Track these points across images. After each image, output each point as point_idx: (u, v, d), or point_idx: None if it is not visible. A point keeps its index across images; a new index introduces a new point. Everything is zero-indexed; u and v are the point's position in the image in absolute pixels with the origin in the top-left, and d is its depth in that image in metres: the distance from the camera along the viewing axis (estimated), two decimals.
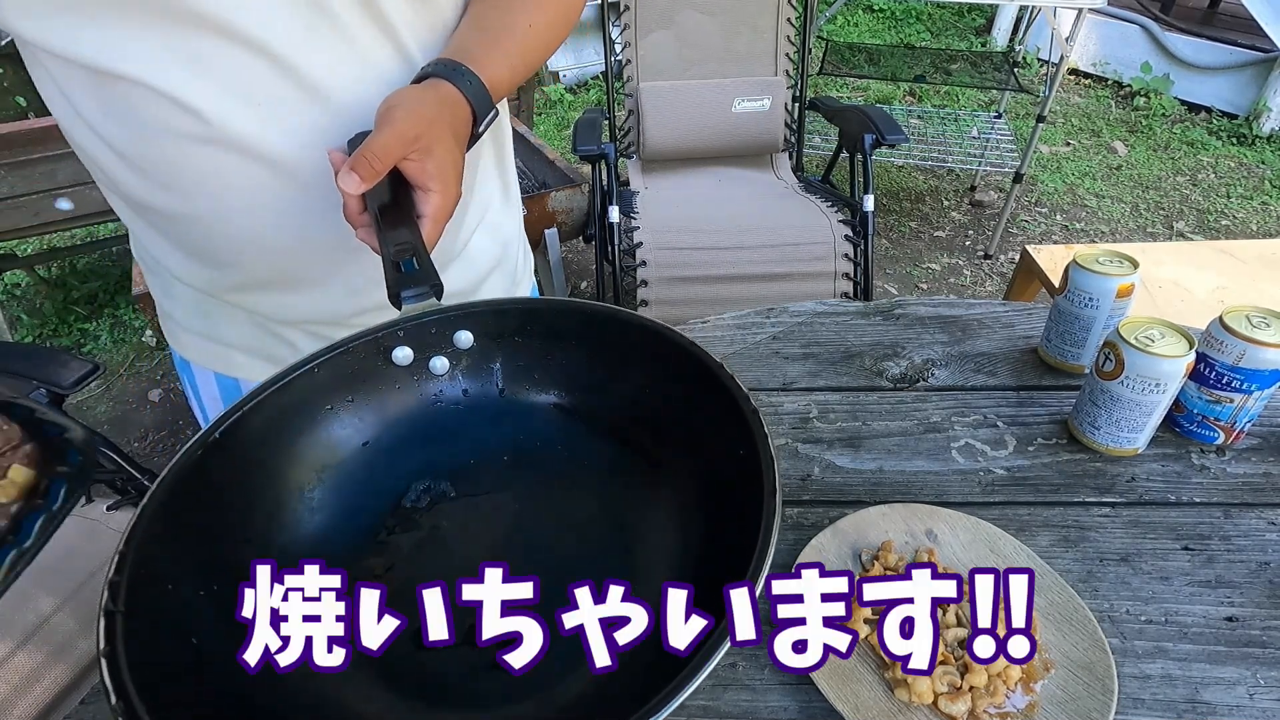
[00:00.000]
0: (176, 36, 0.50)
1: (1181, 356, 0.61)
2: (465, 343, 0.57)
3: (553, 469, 0.56)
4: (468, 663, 0.44)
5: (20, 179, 1.87)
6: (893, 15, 4.77)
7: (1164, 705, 0.48)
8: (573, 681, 0.43)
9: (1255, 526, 0.60)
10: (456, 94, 0.55)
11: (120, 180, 0.58)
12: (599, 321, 0.56)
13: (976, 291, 2.53)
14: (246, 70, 0.52)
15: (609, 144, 1.85)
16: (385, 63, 0.57)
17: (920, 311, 0.87)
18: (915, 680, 0.46)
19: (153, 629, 0.36)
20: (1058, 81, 2.33)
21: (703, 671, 0.34)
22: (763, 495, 0.41)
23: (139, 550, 0.38)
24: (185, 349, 0.75)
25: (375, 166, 0.49)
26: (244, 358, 0.72)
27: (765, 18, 2.09)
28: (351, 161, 0.49)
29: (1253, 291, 1.46)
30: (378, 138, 0.50)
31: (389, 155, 0.49)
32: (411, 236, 0.51)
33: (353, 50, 0.55)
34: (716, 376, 0.49)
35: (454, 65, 0.56)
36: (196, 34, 0.50)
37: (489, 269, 0.74)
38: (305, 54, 0.53)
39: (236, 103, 0.53)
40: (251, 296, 0.66)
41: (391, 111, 0.51)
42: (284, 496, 0.50)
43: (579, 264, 2.67)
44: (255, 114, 0.54)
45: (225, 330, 0.70)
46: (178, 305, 0.71)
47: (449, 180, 0.53)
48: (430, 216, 0.52)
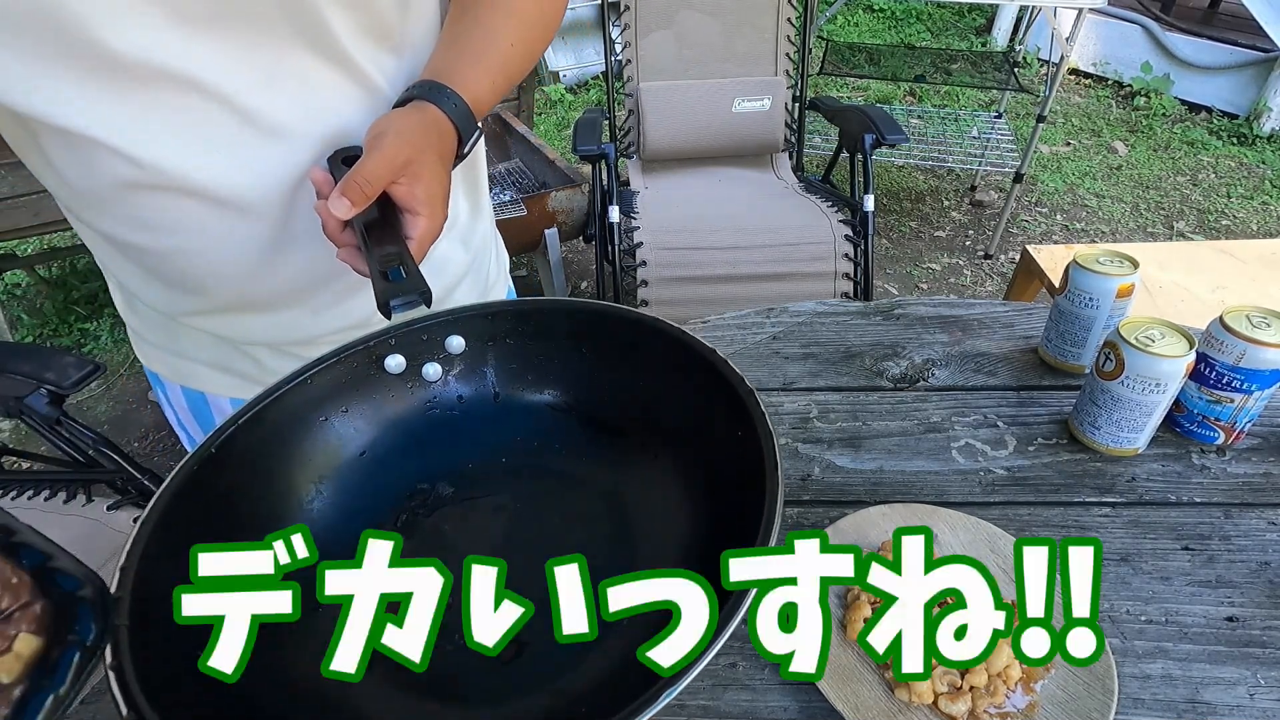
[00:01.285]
0: (132, 90, 0.49)
1: (1181, 356, 0.61)
2: (457, 347, 0.57)
3: (551, 468, 0.56)
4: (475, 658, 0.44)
5: (20, 179, 1.88)
6: (893, 15, 4.77)
7: (1164, 705, 0.48)
8: (572, 681, 0.43)
9: (1255, 526, 0.60)
10: (441, 116, 0.56)
11: (76, 210, 0.58)
12: (588, 319, 0.56)
13: (976, 291, 2.53)
14: (206, 120, 0.52)
15: (609, 144, 1.85)
16: (349, 99, 0.57)
17: (920, 311, 0.87)
18: (915, 680, 0.46)
19: (158, 640, 0.36)
20: (1058, 81, 2.33)
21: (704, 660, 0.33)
22: (764, 471, 0.41)
23: (140, 565, 0.38)
24: (151, 362, 0.74)
25: (365, 191, 0.49)
26: (209, 372, 0.71)
27: (765, 18, 2.09)
28: (342, 186, 0.49)
29: (1253, 291, 1.46)
30: (367, 163, 0.50)
31: (379, 180, 0.50)
32: (397, 247, 0.51)
33: (315, 93, 0.55)
34: (708, 361, 0.49)
35: (437, 87, 0.56)
36: (155, 86, 0.49)
37: (459, 277, 0.74)
38: (267, 99, 0.53)
39: (194, 151, 0.52)
40: (214, 320, 0.66)
41: (381, 138, 0.51)
42: (282, 508, 0.50)
43: (579, 264, 2.67)
44: (215, 159, 0.53)
45: (189, 347, 0.70)
46: (142, 322, 0.71)
47: (436, 204, 0.53)
48: (417, 240, 0.52)
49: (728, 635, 0.33)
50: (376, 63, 0.58)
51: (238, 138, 0.53)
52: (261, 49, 0.51)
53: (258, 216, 0.57)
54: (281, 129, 0.55)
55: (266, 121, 0.54)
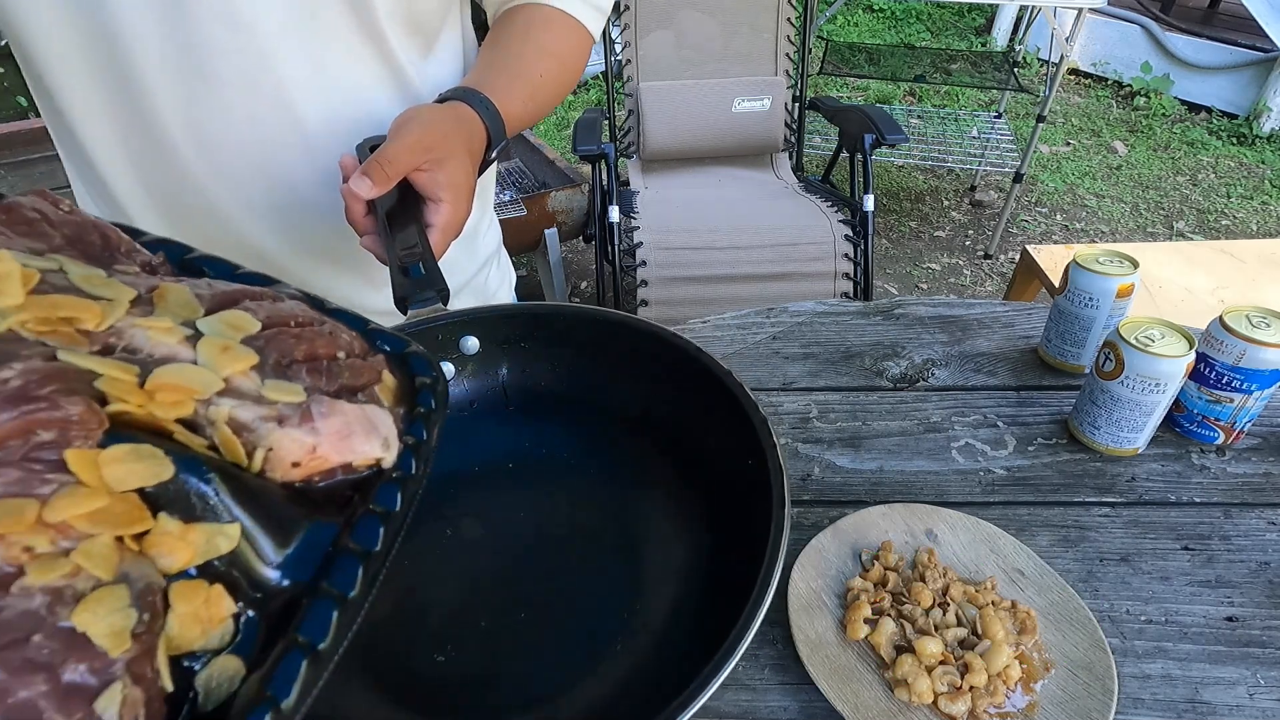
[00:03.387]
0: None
1: (1181, 356, 0.61)
2: (472, 348, 0.56)
3: (558, 476, 0.56)
4: (469, 673, 0.44)
5: (20, 179, 1.88)
6: (893, 15, 4.76)
7: (1164, 705, 0.48)
8: (577, 695, 0.43)
9: (1255, 526, 0.60)
10: (473, 114, 0.56)
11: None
12: (609, 329, 0.55)
13: (976, 291, 2.53)
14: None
15: (609, 144, 1.85)
16: (387, 96, 0.61)
17: (920, 311, 0.87)
18: (915, 680, 0.46)
19: None
20: (1058, 81, 2.33)
21: (706, 691, 0.33)
22: (771, 506, 0.41)
23: None
24: None
25: (388, 172, 0.49)
26: None
27: (765, 17, 2.09)
28: (365, 166, 0.49)
29: (1253, 291, 1.46)
30: (391, 145, 0.50)
31: (401, 162, 0.50)
32: (419, 242, 0.51)
33: (357, 86, 0.60)
34: (725, 385, 0.49)
35: (471, 91, 0.58)
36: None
37: (458, 287, 0.75)
38: (312, 86, 0.57)
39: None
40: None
41: (407, 124, 0.52)
42: None
43: (579, 264, 2.67)
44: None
45: None
46: None
47: (460, 192, 0.53)
48: (439, 227, 0.52)
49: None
50: (413, 62, 0.60)
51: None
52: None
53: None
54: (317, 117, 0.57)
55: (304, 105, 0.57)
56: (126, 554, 0.21)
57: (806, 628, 0.51)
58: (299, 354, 0.28)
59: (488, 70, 0.62)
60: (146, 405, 0.23)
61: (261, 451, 0.25)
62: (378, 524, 0.25)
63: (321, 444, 0.26)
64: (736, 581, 0.39)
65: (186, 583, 0.22)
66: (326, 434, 0.26)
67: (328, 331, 0.30)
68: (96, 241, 0.29)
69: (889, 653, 0.49)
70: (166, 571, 0.22)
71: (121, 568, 0.21)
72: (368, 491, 0.27)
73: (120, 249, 0.30)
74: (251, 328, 0.28)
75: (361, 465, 0.27)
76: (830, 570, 0.55)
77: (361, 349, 0.31)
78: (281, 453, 0.25)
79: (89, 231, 0.29)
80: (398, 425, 0.29)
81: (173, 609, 0.21)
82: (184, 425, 0.24)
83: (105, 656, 0.19)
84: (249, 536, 0.23)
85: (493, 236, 0.82)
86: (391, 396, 0.30)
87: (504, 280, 0.85)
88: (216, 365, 0.25)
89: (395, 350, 0.32)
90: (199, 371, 0.25)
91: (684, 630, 0.44)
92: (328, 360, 0.29)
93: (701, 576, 0.47)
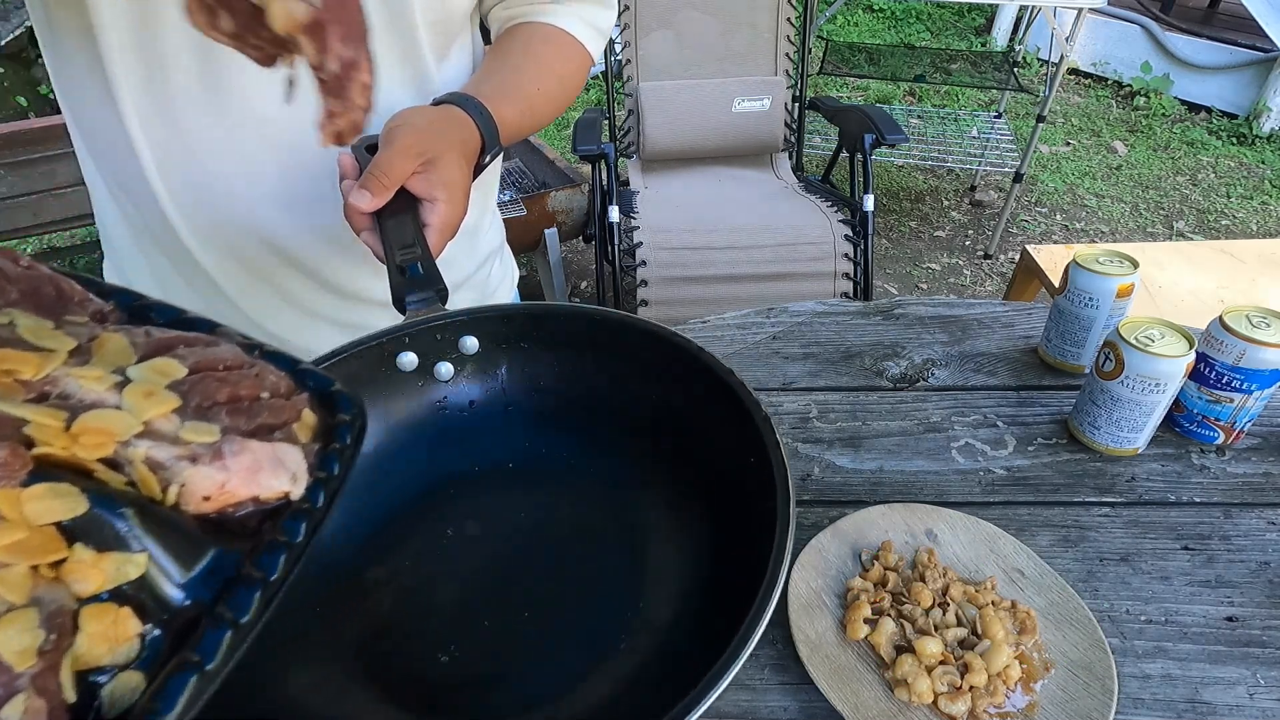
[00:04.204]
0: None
1: (1181, 356, 0.61)
2: (471, 348, 0.56)
3: (558, 477, 0.56)
4: (473, 674, 0.44)
5: (20, 179, 1.88)
6: (893, 15, 4.76)
7: (1164, 705, 0.48)
8: (579, 696, 0.43)
9: (1255, 526, 0.60)
10: (465, 117, 0.57)
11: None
12: (609, 328, 0.55)
13: (976, 291, 2.53)
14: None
15: (609, 144, 1.85)
16: (407, 93, 0.63)
17: (920, 311, 0.87)
18: (915, 680, 0.46)
19: None
20: (1058, 81, 2.33)
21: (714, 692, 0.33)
22: (775, 504, 0.40)
23: None
24: None
25: (384, 182, 0.50)
26: None
27: (765, 17, 2.09)
28: (363, 180, 0.50)
29: (1253, 291, 1.46)
30: (384, 153, 0.51)
31: (396, 170, 0.51)
32: (417, 242, 0.51)
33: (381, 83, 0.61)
34: (728, 385, 0.49)
35: (466, 96, 0.58)
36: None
37: (458, 284, 0.75)
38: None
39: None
40: (217, 296, 0.68)
41: (398, 129, 0.53)
42: None
43: (579, 264, 2.67)
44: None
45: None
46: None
47: (455, 191, 0.53)
48: (436, 227, 0.53)
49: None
50: (434, 62, 0.62)
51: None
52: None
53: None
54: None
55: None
56: (41, 580, 0.24)
57: (806, 628, 0.51)
58: (221, 396, 0.31)
59: (485, 80, 0.64)
60: (70, 447, 0.26)
61: (175, 487, 0.28)
62: (280, 552, 0.28)
63: (230, 480, 0.28)
64: (739, 581, 0.39)
65: (98, 605, 0.25)
66: (236, 470, 0.29)
67: (254, 374, 0.33)
68: (51, 293, 0.32)
69: (889, 653, 0.49)
70: (80, 596, 0.25)
71: (35, 592, 0.24)
72: (277, 521, 0.30)
73: (74, 299, 0.33)
74: (178, 373, 0.30)
75: (270, 498, 0.30)
76: (830, 570, 0.55)
77: (287, 389, 0.34)
78: (193, 487, 0.28)
79: (44, 284, 0.32)
80: (309, 460, 0.32)
81: (83, 629, 0.24)
82: (106, 464, 0.27)
83: (11, 671, 0.22)
84: (156, 562, 0.26)
85: (495, 233, 0.82)
86: (309, 433, 0.33)
87: (506, 276, 0.85)
88: (138, 410, 0.28)
89: (320, 388, 0.35)
90: (120, 416, 0.28)
91: (686, 631, 0.44)
92: (250, 401, 0.31)
93: (704, 576, 0.47)
